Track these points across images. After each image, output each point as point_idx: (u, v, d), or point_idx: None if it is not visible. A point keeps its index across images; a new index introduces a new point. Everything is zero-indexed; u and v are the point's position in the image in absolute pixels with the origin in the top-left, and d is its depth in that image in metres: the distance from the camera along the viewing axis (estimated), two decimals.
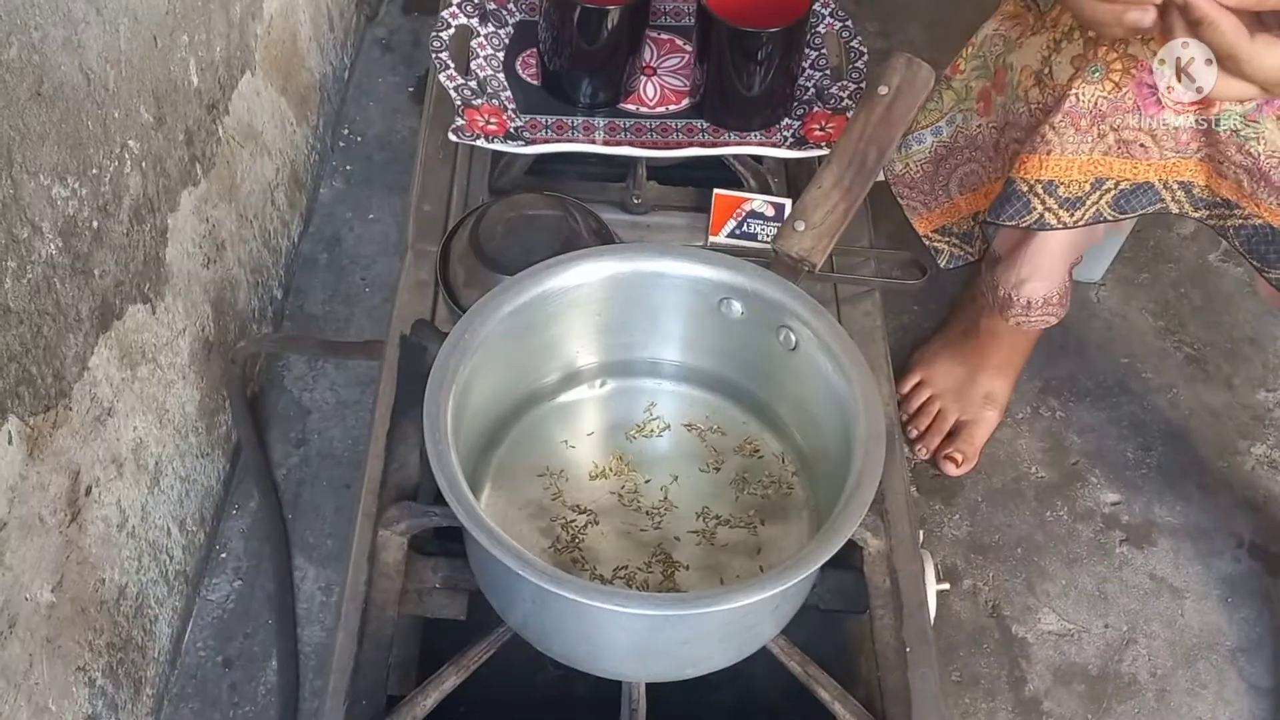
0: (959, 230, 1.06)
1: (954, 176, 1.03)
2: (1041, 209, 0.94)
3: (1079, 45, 0.87)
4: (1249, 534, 1.18)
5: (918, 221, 1.08)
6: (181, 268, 0.99)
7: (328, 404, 1.20)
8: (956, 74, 0.99)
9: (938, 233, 1.08)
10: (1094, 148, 0.91)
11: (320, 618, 1.06)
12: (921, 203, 1.06)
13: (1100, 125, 0.89)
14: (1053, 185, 0.93)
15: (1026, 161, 0.92)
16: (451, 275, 0.97)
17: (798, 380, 0.82)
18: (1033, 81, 0.91)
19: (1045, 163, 0.92)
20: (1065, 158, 0.91)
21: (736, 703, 0.86)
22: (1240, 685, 1.09)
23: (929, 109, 1.01)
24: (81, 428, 0.83)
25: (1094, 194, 0.93)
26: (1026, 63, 0.92)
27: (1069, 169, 0.92)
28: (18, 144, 0.71)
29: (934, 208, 1.06)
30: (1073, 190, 0.93)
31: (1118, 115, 0.88)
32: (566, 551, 0.81)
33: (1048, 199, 0.94)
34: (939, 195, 1.05)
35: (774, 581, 0.68)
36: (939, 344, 1.24)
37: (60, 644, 0.83)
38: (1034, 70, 0.91)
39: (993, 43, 0.96)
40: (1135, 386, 1.29)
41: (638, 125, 1.06)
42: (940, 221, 1.07)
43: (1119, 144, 0.90)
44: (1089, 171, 0.92)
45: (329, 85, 1.38)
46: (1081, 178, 0.92)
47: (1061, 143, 0.90)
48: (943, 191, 1.04)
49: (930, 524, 1.17)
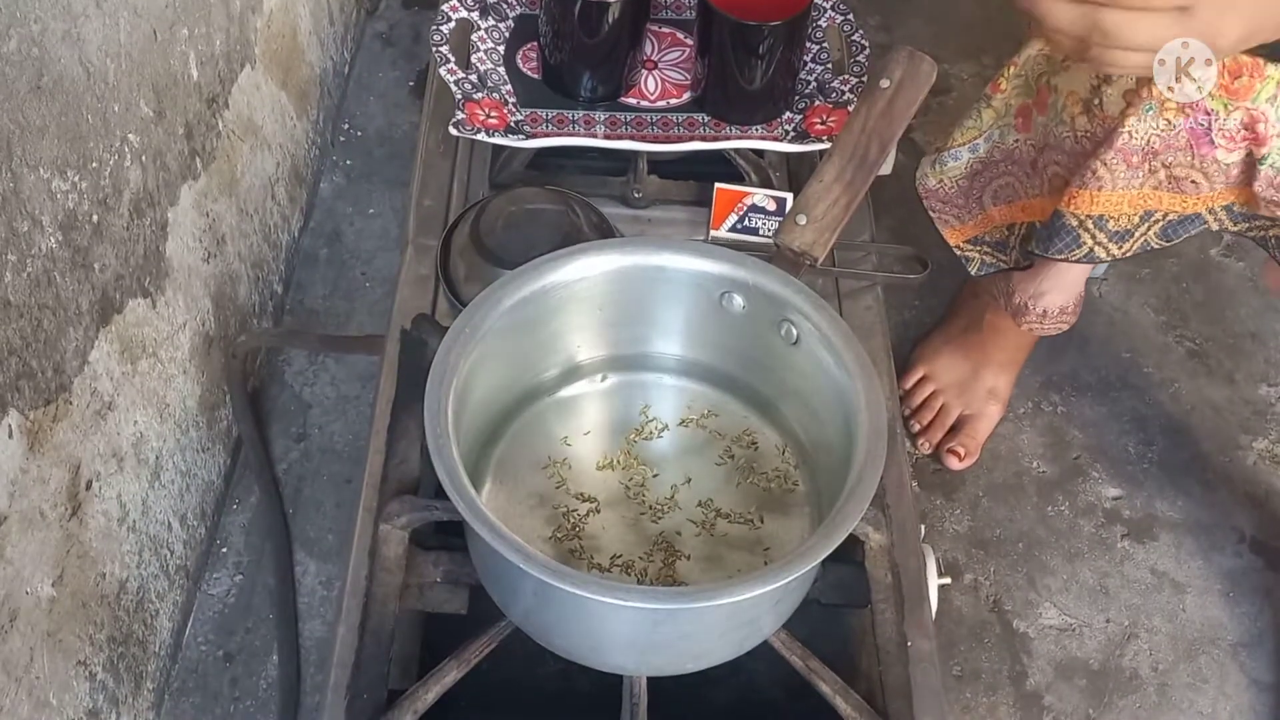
0: (991, 239, 1.06)
1: (988, 190, 1.02)
2: (1091, 243, 0.94)
3: (1130, 80, 0.86)
4: (1250, 529, 1.18)
5: (948, 233, 1.07)
6: (182, 262, 0.98)
7: (328, 399, 1.20)
8: (997, 92, 0.97)
9: (969, 243, 1.07)
10: (1144, 183, 0.90)
11: (321, 612, 1.06)
12: (955, 216, 1.05)
13: (1152, 161, 0.88)
14: (1103, 220, 0.92)
15: (1077, 196, 0.91)
16: (452, 270, 0.97)
17: (799, 375, 0.82)
18: (1080, 109, 0.90)
19: (1096, 198, 0.91)
20: (1116, 193, 0.91)
21: (738, 697, 0.86)
22: (1241, 680, 1.09)
23: (967, 127, 1.00)
24: (82, 422, 0.83)
25: (1142, 226, 0.93)
26: (1073, 89, 0.91)
27: (1119, 204, 0.91)
28: (17, 137, 0.71)
29: (967, 220, 1.05)
30: (1122, 224, 0.93)
31: (1170, 153, 0.87)
32: (567, 540, 0.81)
33: (1098, 234, 0.93)
34: (972, 209, 1.04)
35: (776, 575, 0.67)
36: (941, 339, 1.24)
37: (61, 638, 0.83)
38: (1082, 98, 0.90)
39: (1036, 62, 0.95)
40: (1137, 381, 1.28)
41: (639, 119, 1.06)
42: (973, 233, 1.06)
43: (1170, 180, 0.90)
44: (1139, 206, 0.92)
45: (329, 79, 1.38)
46: (1131, 211, 0.92)
47: (1113, 178, 0.89)
48: (976, 205, 1.04)
49: (931, 519, 1.17)
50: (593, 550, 0.81)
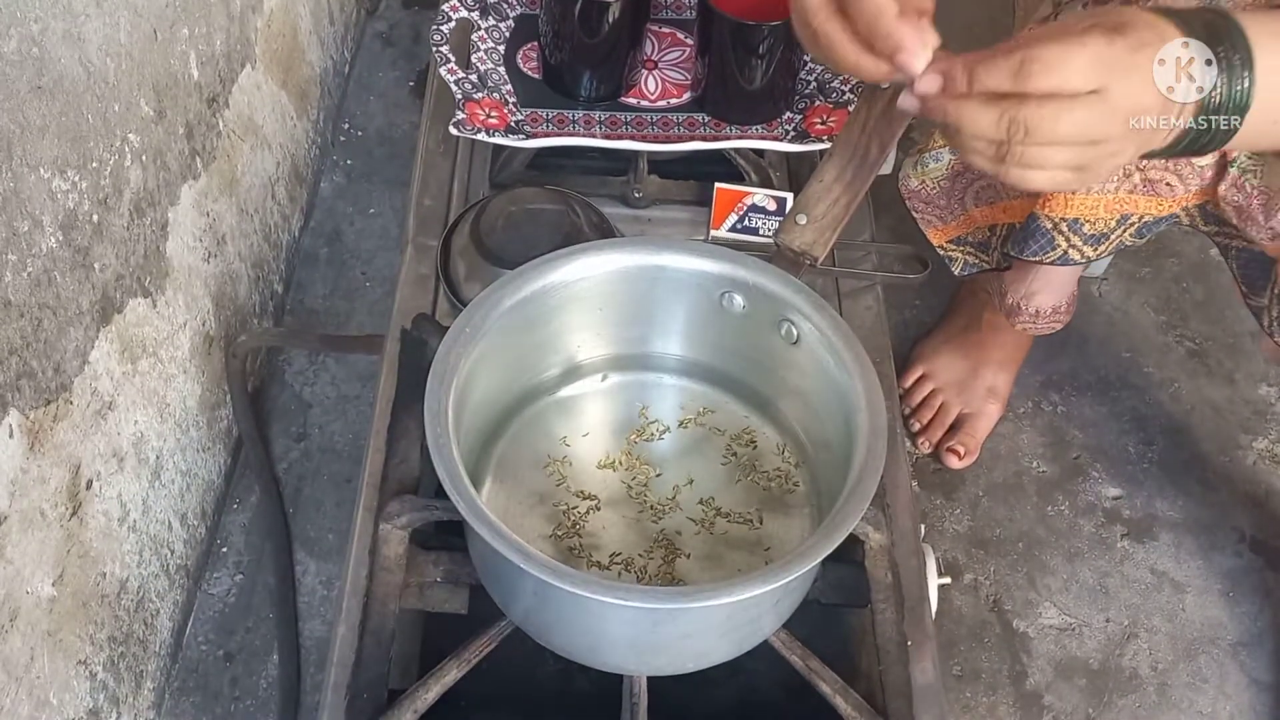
0: (974, 240, 1.06)
1: (970, 191, 1.02)
2: (1066, 245, 0.94)
3: None
4: (1250, 529, 1.18)
5: (931, 233, 1.07)
6: (182, 261, 0.98)
7: (328, 398, 1.20)
8: None
9: (952, 243, 1.07)
10: (1119, 186, 0.90)
11: (321, 612, 1.06)
12: (937, 216, 1.06)
13: (1126, 166, 0.89)
14: (1077, 223, 0.92)
15: (1052, 199, 0.92)
16: (452, 269, 0.97)
17: (799, 374, 0.82)
18: None
19: (1071, 202, 0.91)
20: (1091, 196, 0.91)
21: (738, 697, 0.86)
22: (1241, 680, 1.09)
23: None
24: (82, 421, 0.83)
25: (1118, 229, 0.93)
26: None
27: (1095, 208, 0.92)
28: (18, 137, 0.71)
29: (949, 221, 1.05)
30: (1098, 228, 0.93)
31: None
32: (567, 539, 0.81)
33: (1072, 236, 0.93)
34: (954, 209, 1.04)
35: (776, 575, 0.67)
36: (941, 338, 1.24)
37: (61, 637, 0.83)
38: None
39: None
40: (1137, 381, 1.28)
41: (639, 119, 1.06)
42: (956, 233, 1.06)
43: (1145, 183, 0.90)
44: (1115, 210, 0.92)
45: (329, 79, 1.38)
46: (1108, 215, 0.92)
47: None
48: (958, 205, 1.04)
49: (931, 518, 1.17)
50: (592, 549, 0.81)
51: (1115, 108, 0.62)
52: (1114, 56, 0.61)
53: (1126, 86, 0.62)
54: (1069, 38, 0.61)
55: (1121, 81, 0.62)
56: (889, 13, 0.64)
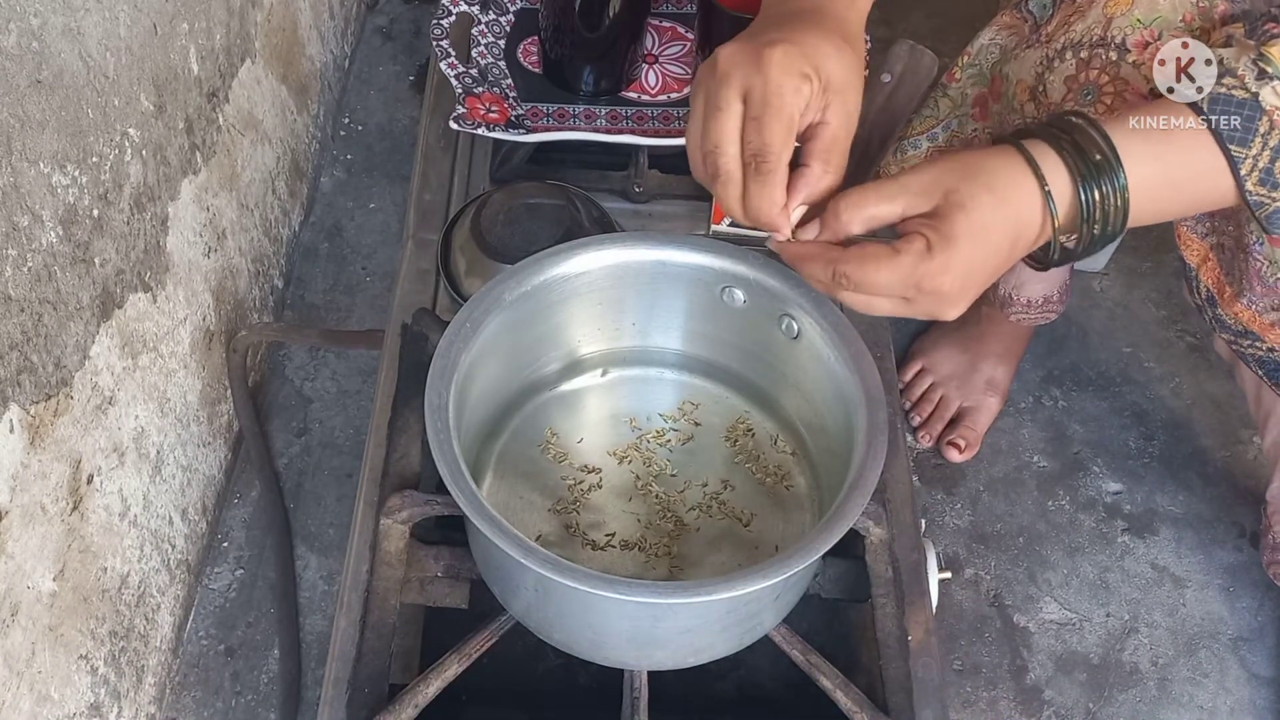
0: None
1: None
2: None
3: (1071, 66, 0.87)
4: (1251, 524, 1.18)
5: None
6: (182, 256, 0.98)
7: (329, 393, 1.20)
8: (953, 81, 0.98)
9: None
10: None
11: (322, 606, 1.06)
12: None
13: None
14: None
15: None
16: (453, 264, 0.97)
17: (800, 369, 0.82)
18: (1028, 96, 0.91)
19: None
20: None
21: (738, 691, 0.86)
22: (1241, 674, 1.09)
23: (925, 115, 1.01)
24: (83, 416, 0.83)
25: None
26: (1022, 76, 0.91)
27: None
28: (17, 132, 0.71)
29: None
30: None
31: None
32: (565, 514, 0.81)
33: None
34: None
35: (776, 569, 0.68)
36: (939, 331, 1.25)
37: (62, 632, 0.83)
38: (1029, 85, 0.90)
39: (989, 51, 0.95)
40: (1137, 376, 1.28)
41: (639, 113, 1.06)
42: None
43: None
44: None
45: (329, 74, 1.38)
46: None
47: None
48: None
49: (932, 513, 1.17)
50: (590, 527, 0.81)
51: (935, 285, 0.67)
52: (928, 269, 0.66)
53: (947, 278, 0.67)
54: (884, 249, 0.66)
55: (937, 278, 0.66)
56: (779, 203, 0.69)
